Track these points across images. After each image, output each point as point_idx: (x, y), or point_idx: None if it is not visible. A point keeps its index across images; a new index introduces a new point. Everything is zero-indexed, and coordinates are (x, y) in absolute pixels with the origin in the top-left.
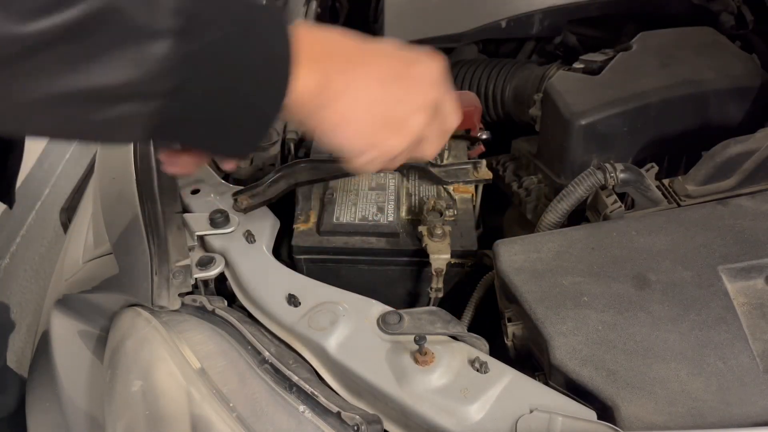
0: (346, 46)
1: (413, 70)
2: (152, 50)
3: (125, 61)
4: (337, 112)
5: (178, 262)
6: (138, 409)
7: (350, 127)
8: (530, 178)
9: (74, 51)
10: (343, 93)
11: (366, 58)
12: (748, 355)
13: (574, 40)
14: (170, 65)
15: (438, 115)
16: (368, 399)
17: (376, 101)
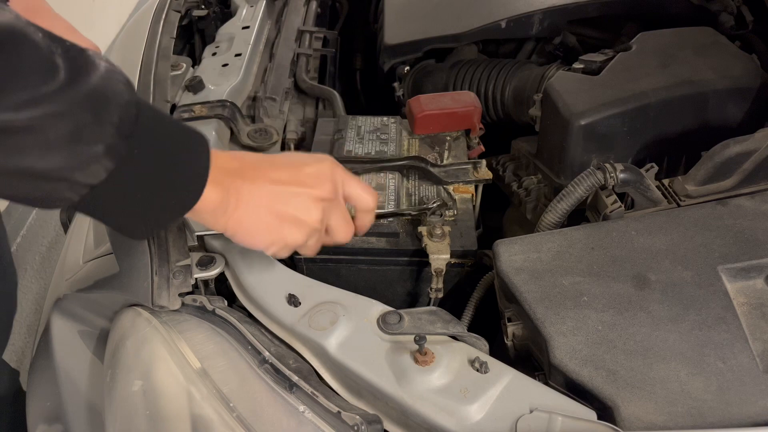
0: (245, 164)
1: (301, 172)
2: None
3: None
4: (235, 220)
5: (179, 262)
6: (138, 408)
7: (248, 230)
8: (530, 178)
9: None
10: (237, 205)
11: (259, 172)
12: (748, 355)
13: (574, 40)
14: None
15: (336, 205)
16: (368, 399)
17: (268, 206)
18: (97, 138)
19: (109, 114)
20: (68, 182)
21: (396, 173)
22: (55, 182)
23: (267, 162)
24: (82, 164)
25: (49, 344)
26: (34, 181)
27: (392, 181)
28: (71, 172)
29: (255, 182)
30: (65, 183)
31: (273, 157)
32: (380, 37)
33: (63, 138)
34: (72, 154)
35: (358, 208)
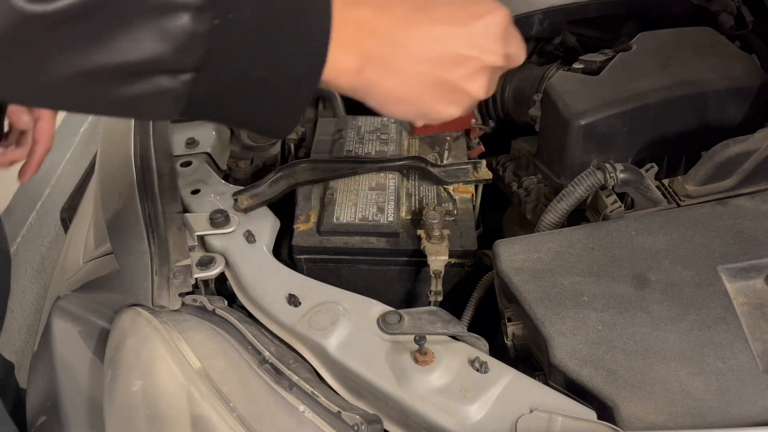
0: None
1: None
2: (177, 24)
3: (149, 36)
4: (380, 93)
5: (179, 262)
6: (138, 408)
7: (398, 104)
8: (530, 178)
9: (96, 27)
10: (384, 76)
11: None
12: (748, 355)
13: (574, 40)
14: (196, 40)
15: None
16: (368, 399)
17: (423, 72)
18: (178, 5)
19: None
20: (166, 71)
21: (396, 173)
22: (152, 76)
23: (421, 10)
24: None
25: (49, 344)
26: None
27: (392, 181)
28: (165, 55)
29: (406, 37)
30: (163, 74)
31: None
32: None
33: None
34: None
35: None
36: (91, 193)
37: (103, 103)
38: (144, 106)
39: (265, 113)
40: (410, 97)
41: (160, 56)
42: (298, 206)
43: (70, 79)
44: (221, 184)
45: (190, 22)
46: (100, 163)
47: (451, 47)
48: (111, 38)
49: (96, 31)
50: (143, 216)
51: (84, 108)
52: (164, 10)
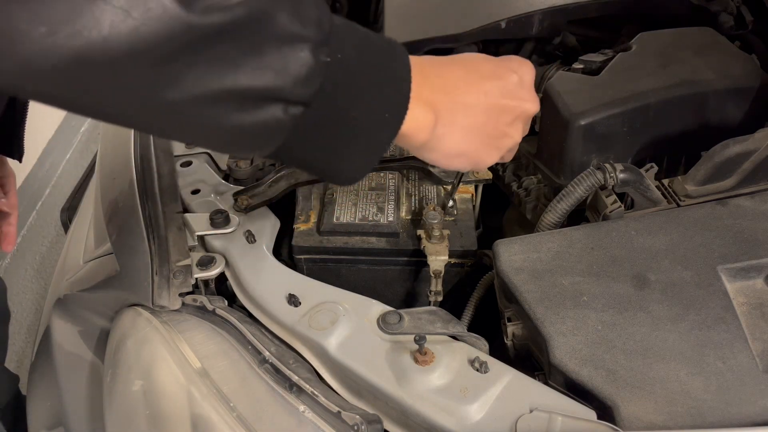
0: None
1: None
2: (298, 56)
3: (275, 64)
4: (445, 147)
5: (179, 262)
6: (138, 408)
7: (455, 157)
8: (530, 178)
9: (231, 50)
10: (450, 131)
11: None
12: (748, 354)
13: (574, 40)
14: (312, 73)
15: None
16: (368, 399)
17: (476, 126)
18: (303, 38)
19: (308, 9)
20: (283, 101)
21: (396, 173)
22: (269, 105)
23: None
24: (294, 72)
25: (49, 344)
26: (249, 108)
27: (392, 181)
28: (285, 84)
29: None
30: (280, 103)
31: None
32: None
33: (270, 41)
34: (283, 60)
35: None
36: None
37: (214, 131)
38: (251, 136)
39: (348, 156)
40: (469, 149)
41: (281, 86)
42: (298, 206)
43: (197, 99)
44: (221, 184)
45: (309, 56)
46: (100, 163)
47: (498, 99)
48: (244, 62)
49: (234, 53)
50: (143, 216)
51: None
52: (291, 40)
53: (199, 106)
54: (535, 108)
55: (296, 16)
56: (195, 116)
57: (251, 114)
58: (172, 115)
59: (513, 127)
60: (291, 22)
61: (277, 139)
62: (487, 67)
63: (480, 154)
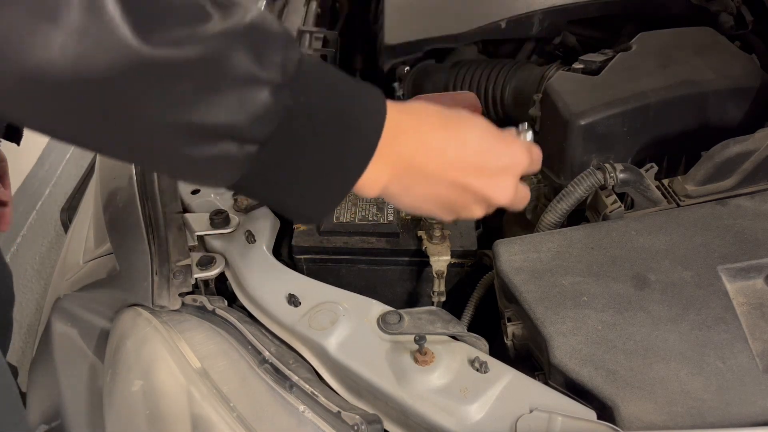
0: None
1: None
2: (257, 97)
3: (232, 103)
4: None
5: (179, 262)
6: (138, 408)
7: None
8: (530, 178)
9: (185, 86)
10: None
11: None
12: (748, 355)
13: (574, 40)
14: (270, 115)
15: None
16: (368, 399)
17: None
18: (261, 80)
19: (270, 52)
20: (237, 139)
21: None
22: (223, 141)
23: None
24: (250, 112)
25: (49, 344)
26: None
27: None
28: (240, 123)
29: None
30: (234, 141)
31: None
32: (380, 37)
33: (226, 81)
34: (239, 100)
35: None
36: (91, 193)
37: (172, 160)
38: (206, 169)
39: (306, 197)
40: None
41: (237, 124)
42: None
43: (147, 130)
44: None
45: (268, 97)
46: (100, 163)
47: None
48: (198, 99)
49: (188, 89)
50: (143, 216)
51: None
52: (251, 81)
53: (149, 137)
54: (507, 202)
55: (256, 58)
56: (145, 145)
57: (203, 148)
58: (121, 142)
59: (475, 206)
60: (249, 64)
61: (231, 174)
62: (475, 145)
63: (433, 213)
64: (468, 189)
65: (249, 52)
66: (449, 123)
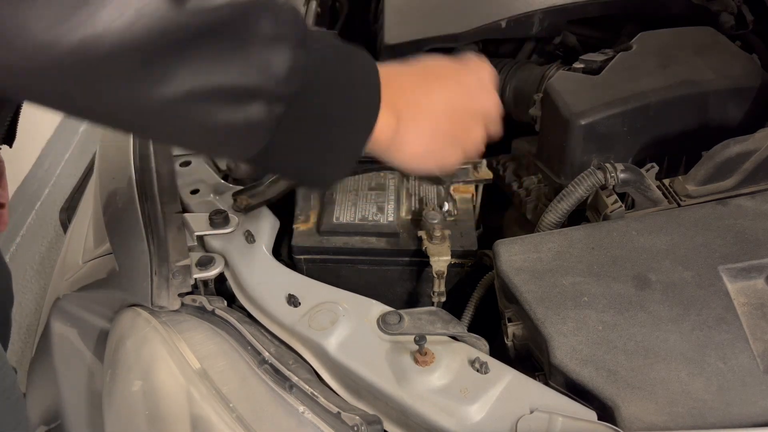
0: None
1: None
2: (281, 56)
3: (258, 63)
4: (408, 148)
5: (178, 262)
6: (138, 408)
7: (420, 158)
8: (530, 178)
9: (218, 48)
10: (412, 133)
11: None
12: (749, 355)
13: (574, 40)
14: (293, 72)
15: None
16: (368, 399)
17: (439, 130)
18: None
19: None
20: (266, 100)
21: (396, 173)
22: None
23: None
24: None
25: (48, 344)
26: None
27: (392, 181)
28: (269, 83)
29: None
30: (263, 102)
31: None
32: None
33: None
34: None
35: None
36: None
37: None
38: (235, 135)
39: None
40: (431, 150)
41: (265, 83)
42: (298, 206)
43: (185, 97)
44: (221, 184)
45: (291, 54)
46: (100, 163)
47: (457, 101)
48: (230, 60)
49: (221, 52)
50: (142, 216)
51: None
52: (273, 39)
53: (186, 104)
54: (495, 107)
55: (277, 17)
56: (182, 114)
57: (237, 111)
58: (160, 113)
59: (474, 126)
60: (273, 23)
61: (260, 139)
62: (444, 71)
63: (443, 153)
64: (465, 109)
65: (270, 12)
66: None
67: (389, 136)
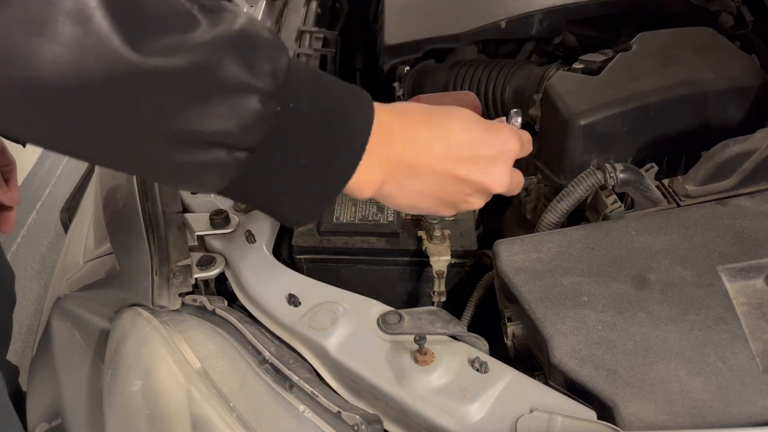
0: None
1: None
2: (245, 104)
3: (219, 111)
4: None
5: (179, 262)
6: (138, 408)
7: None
8: (530, 178)
9: (176, 94)
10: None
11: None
12: (748, 355)
13: (574, 40)
14: (260, 122)
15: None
16: (368, 399)
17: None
18: (251, 88)
19: (260, 60)
20: (227, 146)
21: None
22: (213, 148)
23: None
24: (240, 120)
25: (48, 344)
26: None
27: None
28: (230, 131)
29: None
30: (224, 148)
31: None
32: (380, 37)
33: (217, 89)
34: (229, 108)
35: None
36: (91, 193)
37: (162, 167)
38: (196, 175)
39: (295, 201)
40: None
41: (227, 131)
42: None
43: (138, 138)
44: None
45: (258, 105)
46: None
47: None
48: (189, 107)
49: (179, 97)
50: (143, 216)
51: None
52: (241, 89)
53: (139, 144)
54: (504, 188)
55: (246, 65)
56: (135, 153)
57: (193, 155)
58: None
59: (472, 197)
60: (240, 72)
61: (221, 180)
62: (462, 136)
63: (433, 210)
64: (463, 180)
65: (239, 59)
66: (433, 117)
67: (373, 189)
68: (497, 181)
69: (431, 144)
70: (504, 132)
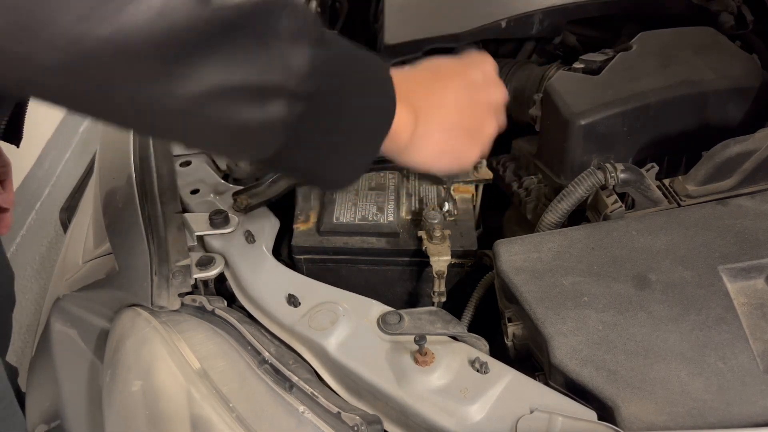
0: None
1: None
2: (302, 53)
3: (280, 59)
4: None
5: (178, 262)
6: (138, 409)
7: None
8: (530, 178)
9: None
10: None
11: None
12: (749, 355)
13: (574, 40)
14: (313, 69)
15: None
16: (368, 399)
17: (455, 125)
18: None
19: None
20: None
21: (396, 173)
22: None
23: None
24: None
25: (48, 344)
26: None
27: (392, 181)
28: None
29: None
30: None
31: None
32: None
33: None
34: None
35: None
36: (91, 193)
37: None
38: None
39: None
40: (450, 146)
41: (286, 80)
42: (298, 206)
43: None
44: (221, 183)
45: (311, 51)
46: (100, 163)
47: (466, 95)
48: (253, 57)
49: (244, 48)
50: (142, 216)
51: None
52: (294, 36)
53: (208, 102)
54: (502, 97)
55: (297, 15)
56: (203, 113)
57: (257, 109)
58: (182, 111)
59: (487, 118)
60: (294, 21)
61: (278, 138)
62: (449, 68)
63: (461, 149)
64: (476, 102)
65: (289, 10)
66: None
67: (408, 134)
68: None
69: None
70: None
